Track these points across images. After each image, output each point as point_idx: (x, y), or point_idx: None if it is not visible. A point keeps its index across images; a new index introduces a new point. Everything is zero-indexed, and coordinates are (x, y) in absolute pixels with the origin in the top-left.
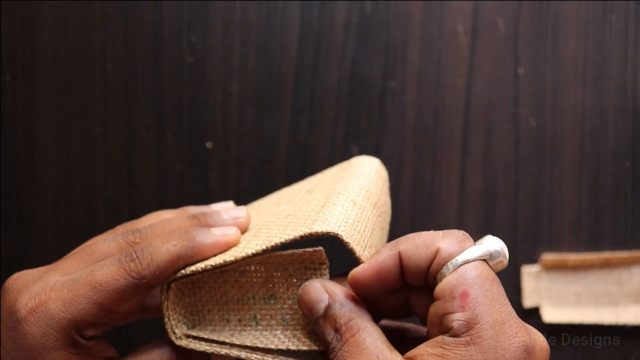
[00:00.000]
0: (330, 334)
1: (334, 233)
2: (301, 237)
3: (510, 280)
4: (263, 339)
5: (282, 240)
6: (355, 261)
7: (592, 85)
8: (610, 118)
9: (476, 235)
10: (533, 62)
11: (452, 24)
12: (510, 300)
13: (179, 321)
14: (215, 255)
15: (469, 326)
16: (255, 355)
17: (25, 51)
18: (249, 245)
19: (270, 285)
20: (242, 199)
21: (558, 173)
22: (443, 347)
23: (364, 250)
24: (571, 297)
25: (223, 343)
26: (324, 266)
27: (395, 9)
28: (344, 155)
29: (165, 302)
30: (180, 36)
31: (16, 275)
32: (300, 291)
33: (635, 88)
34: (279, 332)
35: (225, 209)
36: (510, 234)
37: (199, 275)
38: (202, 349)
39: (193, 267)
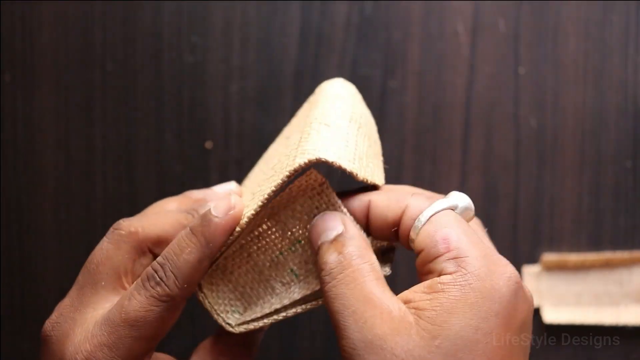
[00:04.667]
0: (332, 256)
1: (315, 159)
2: (287, 177)
3: None
4: (308, 285)
5: (273, 187)
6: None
7: (592, 85)
8: (611, 118)
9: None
10: (533, 62)
11: (452, 24)
12: None
13: (228, 312)
14: (228, 237)
15: (458, 262)
16: (310, 305)
17: (25, 51)
18: (250, 206)
19: (289, 234)
20: None
21: (558, 173)
22: (437, 291)
23: (354, 163)
24: (572, 297)
25: (277, 310)
26: (325, 185)
27: (395, 9)
28: None
29: (205, 301)
30: (180, 36)
31: (49, 324)
32: (317, 218)
33: (636, 88)
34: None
35: (215, 197)
36: (510, 234)
37: (224, 261)
38: (260, 324)
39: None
